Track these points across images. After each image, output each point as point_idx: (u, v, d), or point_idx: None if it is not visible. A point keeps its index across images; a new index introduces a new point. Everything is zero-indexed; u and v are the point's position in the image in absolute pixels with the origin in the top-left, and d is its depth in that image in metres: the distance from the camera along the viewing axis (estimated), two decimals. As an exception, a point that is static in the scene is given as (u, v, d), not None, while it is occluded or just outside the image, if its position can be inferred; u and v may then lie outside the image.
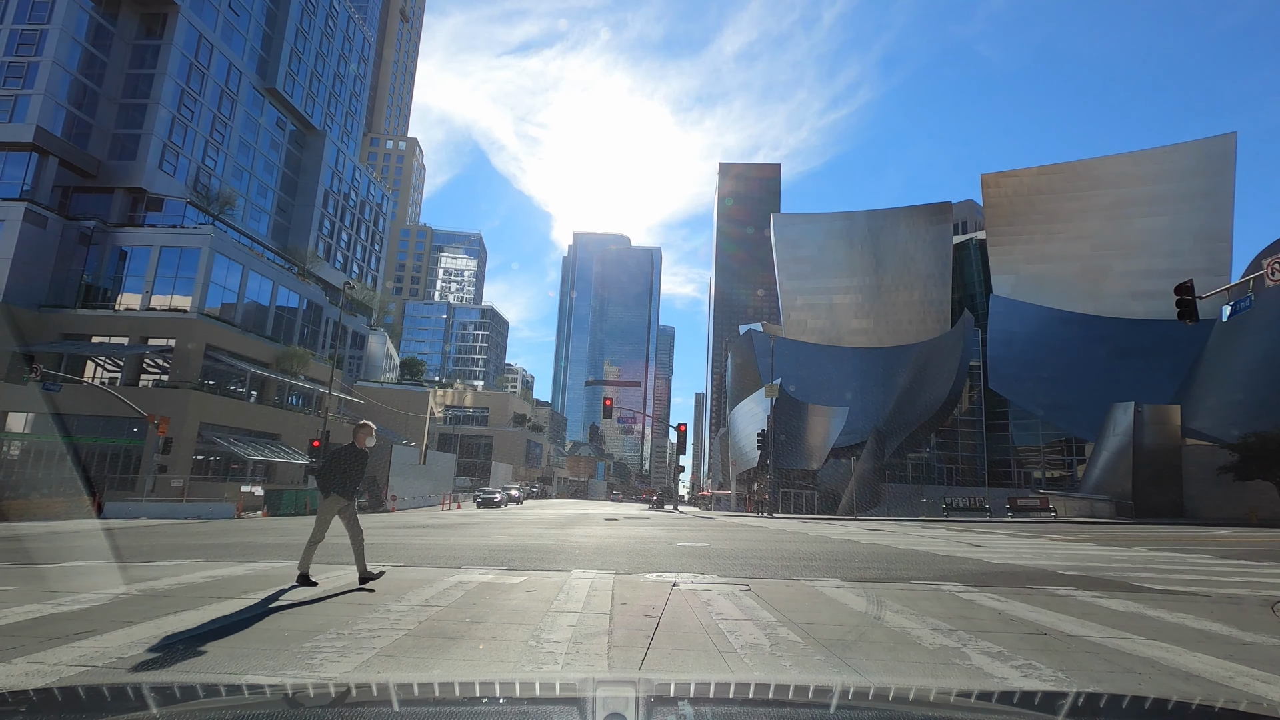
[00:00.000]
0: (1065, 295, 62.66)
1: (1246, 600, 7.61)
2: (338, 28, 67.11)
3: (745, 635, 5.26)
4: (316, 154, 62.18)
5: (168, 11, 46.21)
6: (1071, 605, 7.04)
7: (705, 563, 10.87)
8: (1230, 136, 59.80)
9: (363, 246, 71.88)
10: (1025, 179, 67.33)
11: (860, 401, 66.48)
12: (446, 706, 1.75)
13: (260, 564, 9.79)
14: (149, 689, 1.63)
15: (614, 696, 1.80)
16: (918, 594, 7.65)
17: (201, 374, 40.32)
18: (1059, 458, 62.71)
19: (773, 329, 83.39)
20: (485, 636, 5.11)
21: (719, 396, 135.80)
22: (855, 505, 45.23)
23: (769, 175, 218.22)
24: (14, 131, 40.65)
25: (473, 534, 17.45)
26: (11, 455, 37.94)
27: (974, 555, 13.00)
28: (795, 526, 26.22)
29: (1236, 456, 35.92)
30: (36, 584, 7.67)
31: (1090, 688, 3.97)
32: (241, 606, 6.15)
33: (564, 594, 7.21)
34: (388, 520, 26.79)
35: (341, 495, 7.53)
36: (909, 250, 76.75)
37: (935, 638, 5.26)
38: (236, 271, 44.27)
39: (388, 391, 69.51)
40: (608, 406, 46.01)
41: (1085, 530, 25.27)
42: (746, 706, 1.83)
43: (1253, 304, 20.15)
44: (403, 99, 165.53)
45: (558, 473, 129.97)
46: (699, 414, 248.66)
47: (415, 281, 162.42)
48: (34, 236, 39.51)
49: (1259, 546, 17.02)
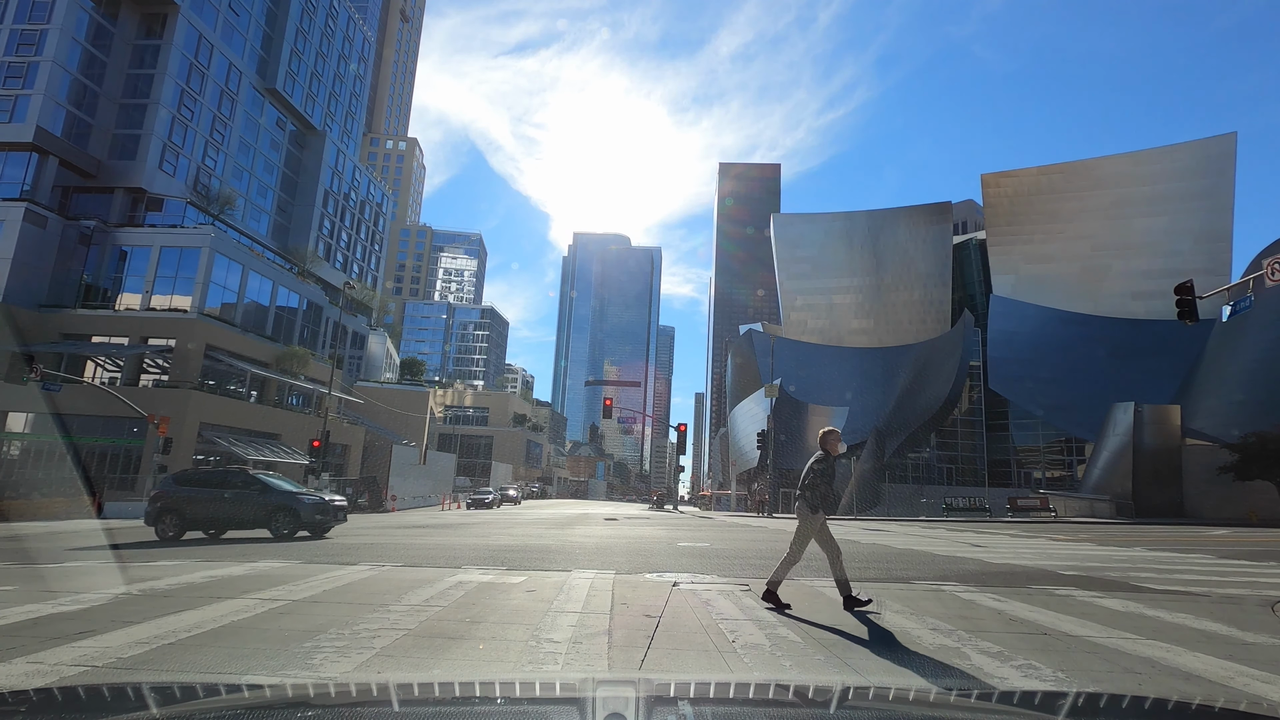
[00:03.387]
0: (1065, 295, 62.66)
1: (1246, 600, 7.61)
2: (338, 28, 67.10)
3: (745, 635, 5.26)
4: (316, 154, 62.16)
5: (168, 11, 46.20)
6: (1071, 605, 7.04)
7: (705, 563, 10.88)
8: (1230, 136, 59.82)
9: (363, 246, 71.88)
10: (1025, 179, 67.34)
11: (860, 401, 66.48)
12: (446, 706, 1.75)
13: (260, 564, 9.79)
14: (149, 689, 1.63)
15: (614, 696, 1.79)
16: (918, 594, 7.66)
17: (201, 374, 40.30)
18: (1059, 458, 62.71)
19: (773, 329, 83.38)
20: (485, 636, 5.11)
21: (719, 396, 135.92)
22: (855, 505, 45.25)
23: (769, 175, 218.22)
24: (14, 131, 40.64)
25: (473, 534, 17.46)
26: (11, 455, 37.93)
27: (974, 555, 13.00)
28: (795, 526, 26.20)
29: (1236, 456, 35.90)
30: (36, 584, 7.68)
31: (1090, 688, 3.97)
32: (241, 606, 6.15)
33: (564, 594, 7.21)
34: (388, 520, 26.80)
35: (825, 510, 6.67)
36: (909, 250, 76.76)
37: (935, 638, 5.26)
38: (236, 271, 44.25)
39: (388, 391, 69.48)
40: (608, 406, 46.04)
41: (1085, 530, 25.27)
42: (746, 706, 1.83)
43: (1253, 304, 20.13)
44: (402, 99, 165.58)
45: (558, 473, 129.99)
46: (699, 414, 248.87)
47: (415, 281, 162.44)
48: (34, 236, 39.51)
49: (1259, 546, 17.02)
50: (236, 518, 15.26)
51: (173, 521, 14.96)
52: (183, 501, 15.15)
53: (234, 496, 15.19)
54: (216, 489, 15.43)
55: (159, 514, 15.11)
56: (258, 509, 15.16)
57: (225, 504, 15.16)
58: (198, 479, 16.14)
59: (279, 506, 15.13)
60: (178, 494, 15.32)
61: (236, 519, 15.27)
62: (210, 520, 15.28)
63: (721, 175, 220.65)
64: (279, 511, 15.08)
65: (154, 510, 15.24)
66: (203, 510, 15.16)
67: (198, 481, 15.92)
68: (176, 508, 15.07)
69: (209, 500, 15.20)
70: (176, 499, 15.19)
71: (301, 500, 15.42)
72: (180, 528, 14.99)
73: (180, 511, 15.04)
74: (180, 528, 14.99)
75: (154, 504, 15.35)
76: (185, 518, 15.05)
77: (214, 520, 15.30)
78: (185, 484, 15.77)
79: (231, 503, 15.15)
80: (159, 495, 15.49)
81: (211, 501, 15.19)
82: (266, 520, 15.08)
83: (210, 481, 15.87)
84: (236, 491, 15.30)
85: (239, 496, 15.20)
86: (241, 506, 15.16)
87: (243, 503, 15.15)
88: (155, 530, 15.03)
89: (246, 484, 15.54)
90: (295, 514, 15.11)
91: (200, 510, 15.15)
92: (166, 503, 15.16)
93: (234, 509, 15.17)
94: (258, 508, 15.15)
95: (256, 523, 15.23)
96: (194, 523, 15.16)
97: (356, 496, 37.96)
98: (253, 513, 15.18)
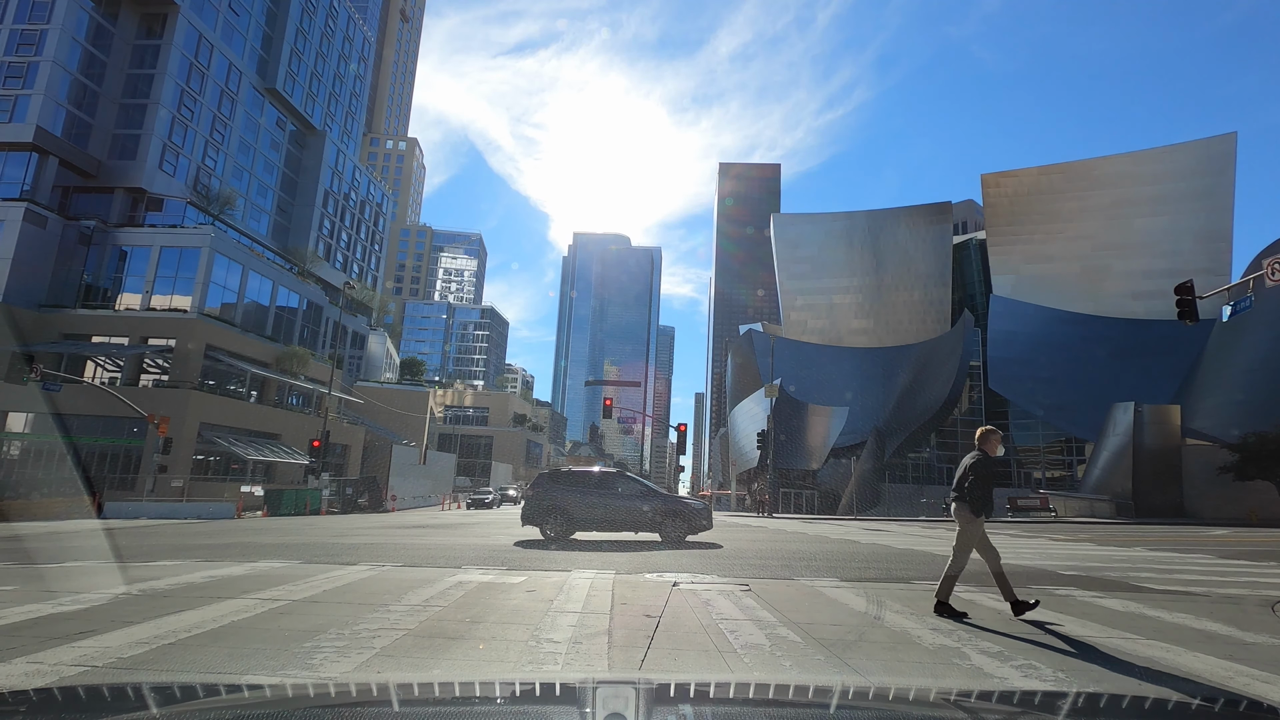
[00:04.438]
0: (1065, 295, 62.63)
1: (1246, 600, 7.61)
2: (338, 28, 67.09)
3: (745, 635, 5.26)
4: (316, 154, 62.16)
5: (168, 11, 46.21)
6: (1071, 605, 7.04)
7: (705, 563, 10.87)
8: (1230, 136, 59.80)
9: (363, 246, 71.88)
10: (1025, 179, 67.31)
11: (860, 401, 66.47)
12: (446, 706, 1.75)
13: (260, 564, 9.79)
14: (149, 689, 1.63)
15: (614, 696, 1.80)
16: (918, 594, 7.66)
17: (201, 374, 40.31)
18: (1059, 458, 62.70)
19: (773, 329, 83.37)
20: (485, 636, 5.11)
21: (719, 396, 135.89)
22: (855, 505, 45.25)
23: (769, 175, 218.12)
24: (14, 131, 40.65)
25: (473, 534, 17.46)
26: (11, 455, 37.93)
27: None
28: (795, 526, 26.23)
29: (1236, 456, 35.89)
30: (36, 584, 7.67)
31: (1090, 688, 3.97)
32: (241, 606, 6.15)
33: (564, 594, 7.21)
34: (388, 520, 26.80)
35: (986, 514, 6.40)
36: (909, 250, 76.75)
37: (935, 638, 5.26)
38: (236, 271, 44.26)
39: (388, 391, 69.51)
40: (608, 406, 45.91)
41: (1085, 530, 25.26)
42: (746, 706, 1.83)
43: (1253, 304, 20.12)
44: (402, 99, 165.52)
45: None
46: (699, 414, 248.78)
47: (415, 281, 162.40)
48: (34, 236, 39.51)
49: (1259, 546, 17.02)
50: (628, 520, 14.72)
51: (559, 521, 14.62)
52: (567, 501, 14.72)
53: (623, 498, 14.86)
54: (602, 490, 15.08)
55: (545, 512, 14.69)
56: (650, 512, 14.68)
57: (616, 506, 14.75)
58: (573, 479, 15.65)
59: (671, 511, 14.78)
60: (560, 493, 14.87)
61: (628, 521, 14.73)
62: (599, 521, 14.78)
63: (721, 175, 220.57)
64: (672, 516, 14.70)
65: (538, 509, 14.79)
66: (590, 511, 14.71)
67: (575, 481, 15.44)
68: (563, 507, 14.66)
69: (597, 501, 14.78)
70: (562, 498, 14.74)
71: (690, 505, 15.15)
72: (567, 528, 14.64)
73: (567, 511, 14.64)
74: (567, 528, 14.64)
75: (537, 502, 14.87)
76: (572, 518, 14.64)
77: (604, 521, 14.79)
78: (562, 483, 15.31)
79: (622, 505, 14.75)
80: (541, 494, 14.97)
81: (601, 503, 14.78)
82: (659, 524, 14.60)
83: (589, 482, 15.44)
84: (622, 493, 14.96)
85: (627, 498, 14.84)
86: (632, 509, 14.68)
87: (633, 505, 14.71)
88: (540, 530, 14.72)
89: (630, 485, 15.22)
90: (686, 518, 14.80)
91: (587, 511, 14.70)
92: (553, 501, 14.74)
93: (625, 511, 14.69)
94: (650, 511, 14.68)
95: (647, 526, 14.75)
96: (581, 523, 14.72)
97: (356, 496, 37.98)
98: (645, 516, 14.61)
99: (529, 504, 15.07)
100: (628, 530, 14.99)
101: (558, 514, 14.67)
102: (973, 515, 6.21)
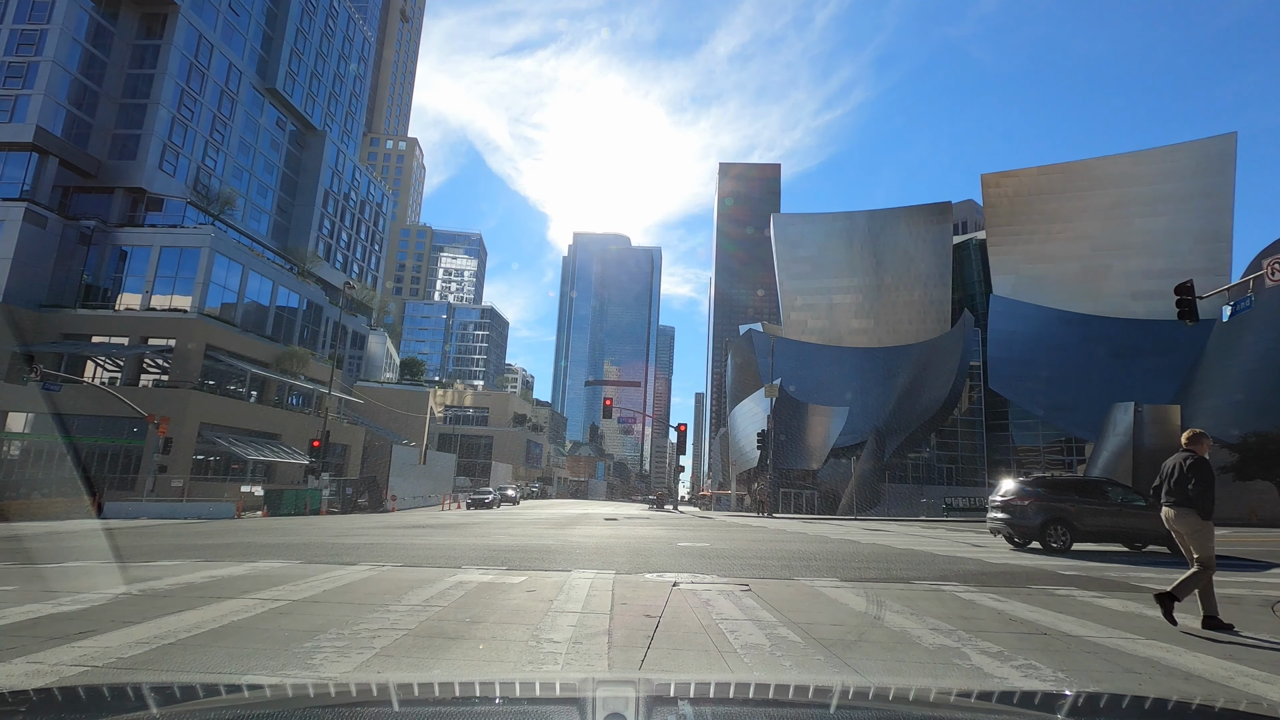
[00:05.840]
0: (1065, 295, 62.67)
1: (1246, 600, 7.62)
2: (338, 28, 67.08)
3: (745, 635, 5.26)
4: (316, 154, 62.15)
5: (168, 11, 46.19)
6: (1071, 605, 7.04)
7: (705, 563, 10.87)
8: (1230, 136, 59.83)
9: (363, 246, 71.86)
10: (1025, 179, 67.34)
11: (860, 401, 66.45)
12: (446, 706, 1.75)
13: (260, 564, 9.79)
14: (149, 689, 1.63)
15: (614, 696, 1.80)
16: (918, 594, 7.66)
17: (201, 374, 40.30)
18: (1059, 458, 62.71)
19: (773, 329, 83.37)
20: (485, 636, 5.11)
21: (719, 396, 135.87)
22: (855, 505, 45.24)
23: (769, 175, 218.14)
24: (14, 131, 40.63)
25: (473, 534, 17.45)
26: (11, 455, 37.93)
27: (974, 555, 13.00)
28: (795, 526, 26.22)
29: (1236, 456, 35.94)
30: (36, 584, 7.67)
31: (1090, 688, 3.97)
32: (241, 606, 6.15)
33: (564, 594, 7.21)
34: (388, 520, 26.79)
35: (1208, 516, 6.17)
36: (909, 250, 76.76)
37: (935, 638, 5.26)
38: (236, 271, 44.26)
39: (388, 391, 69.49)
40: (608, 406, 46.02)
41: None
42: (746, 706, 1.83)
43: (1253, 304, 20.12)
44: (402, 99, 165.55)
45: (558, 473, 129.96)
46: (699, 414, 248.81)
47: (415, 281, 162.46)
48: (34, 236, 39.50)
49: (1259, 546, 17.03)
50: (1140, 532, 13.83)
51: (1061, 532, 13.83)
52: (1071, 511, 13.95)
53: (1128, 509, 14.05)
54: (1101, 498, 14.45)
55: (1045, 524, 13.89)
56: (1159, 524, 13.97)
57: (1127, 517, 13.93)
58: (1067, 485, 15.08)
59: None
60: (1060, 501, 14.16)
61: (1141, 533, 13.84)
62: (1107, 533, 14.02)
63: (721, 175, 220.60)
64: None
65: (1038, 521, 13.92)
66: (1099, 522, 13.95)
67: (1070, 488, 14.80)
68: (1064, 518, 13.87)
69: (1107, 512, 14.03)
70: (1064, 507, 14.00)
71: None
72: (1070, 538, 13.82)
73: (1069, 523, 13.85)
74: (1070, 538, 13.82)
75: (1035, 514, 13.99)
76: (1076, 529, 13.84)
77: (1114, 533, 14.03)
78: (1056, 490, 14.65)
79: (1131, 517, 13.90)
80: (1036, 500, 14.18)
81: (1110, 514, 14.02)
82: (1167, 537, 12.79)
83: (1086, 489, 14.89)
84: (1122, 504, 14.22)
85: (1132, 510, 13.97)
86: (1141, 521, 13.60)
87: (1142, 517, 13.61)
88: (1040, 541, 13.98)
89: (1127, 494, 14.51)
90: None
91: (1095, 521, 13.93)
92: (1053, 512, 13.94)
93: (1134, 522, 13.79)
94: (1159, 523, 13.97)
95: (1158, 539, 13.56)
96: (1084, 534, 13.91)
97: (356, 496, 37.99)
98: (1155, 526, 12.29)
99: (1027, 516, 14.16)
100: (1134, 541, 14.26)
101: (1060, 524, 13.89)
102: (1201, 519, 6.16)
